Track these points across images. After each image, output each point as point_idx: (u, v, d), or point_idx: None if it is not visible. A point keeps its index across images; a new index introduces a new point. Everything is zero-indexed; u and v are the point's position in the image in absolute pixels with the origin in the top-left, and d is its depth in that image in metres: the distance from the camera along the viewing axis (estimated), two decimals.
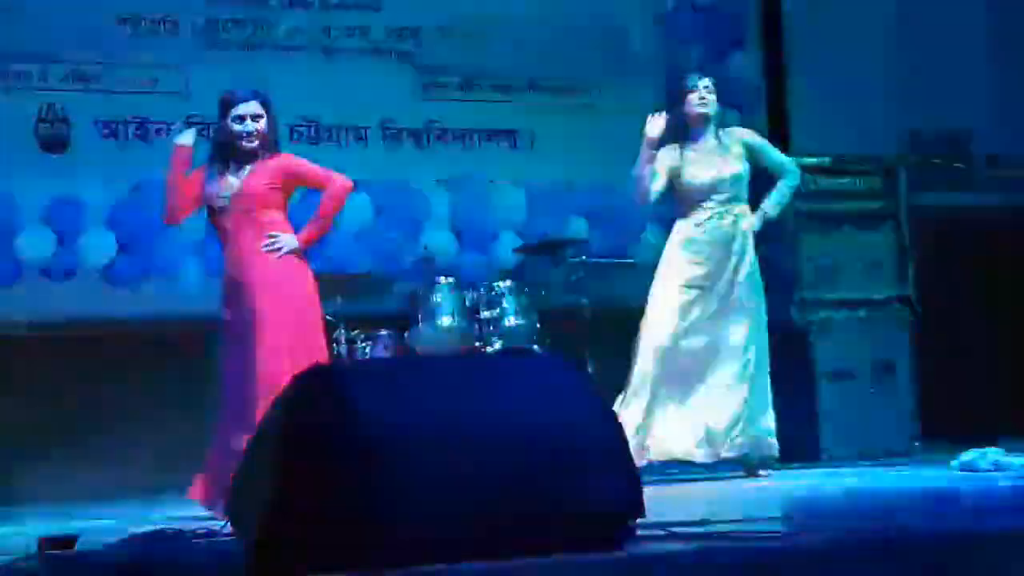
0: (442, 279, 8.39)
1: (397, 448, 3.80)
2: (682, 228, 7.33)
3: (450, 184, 9.55)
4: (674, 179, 7.31)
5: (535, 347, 8.17)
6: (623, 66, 10.25)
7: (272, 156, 6.57)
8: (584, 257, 8.71)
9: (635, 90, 10.27)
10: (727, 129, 7.46)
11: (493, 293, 8.28)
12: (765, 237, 8.45)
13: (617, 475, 3.98)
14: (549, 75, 10.01)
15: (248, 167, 6.52)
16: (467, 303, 8.26)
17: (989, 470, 6.23)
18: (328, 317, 8.35)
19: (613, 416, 4.14)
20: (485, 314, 8.23)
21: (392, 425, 3.83)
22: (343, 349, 8.26)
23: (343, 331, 8.32)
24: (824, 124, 10.32)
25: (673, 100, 7.49)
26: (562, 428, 3.97)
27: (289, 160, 6.66)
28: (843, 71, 10.53)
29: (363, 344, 8.32)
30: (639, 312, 9.58)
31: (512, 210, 9.67)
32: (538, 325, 8.34)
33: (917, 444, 8.16)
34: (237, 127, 6.49)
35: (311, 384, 3.93)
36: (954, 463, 6.47)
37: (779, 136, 10.60)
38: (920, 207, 8.93)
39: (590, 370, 8.57)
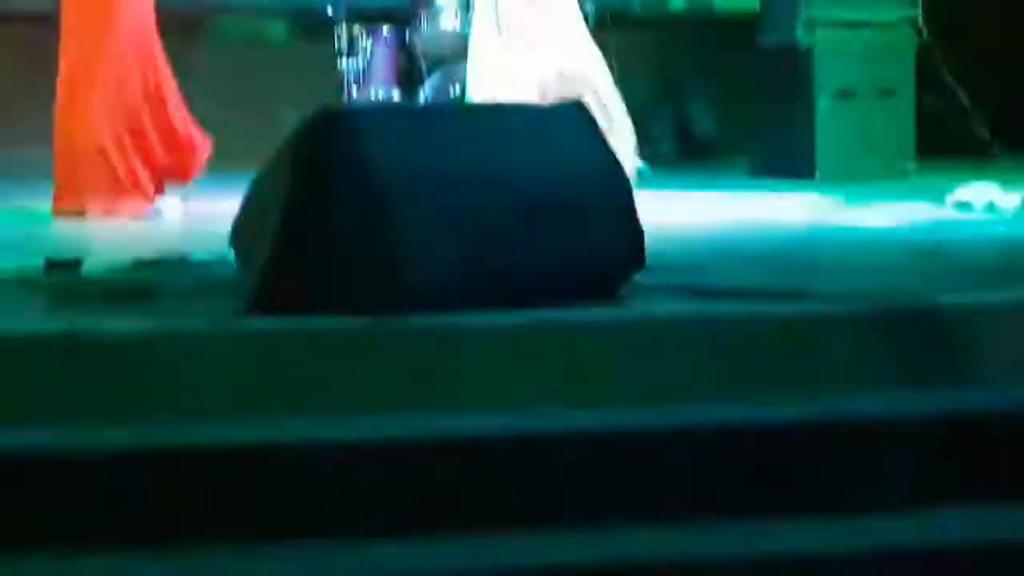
0: None
1: (405, 190, 3.85)
2: None
3: None
4: None
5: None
6: None
7: None
8: None
9: None
10: None
11: None
12: None
13: (621, 227, 4.04)
14: None
15: None
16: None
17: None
18: (329, 10, 8.35)
19: (620, 170, 4.18)
20: None
21: (401, 167, 3.87)
22: (343, 46, 8.20)
23: (344, 27, 8.24)
24: None
25: None
26: (569, 178, 4.02)
27: None
28: None
29: (363, 40, 8.24)
30: (643, 17, 9.56)
31: None
32: None
33: (912, 166, 8.19)
34: None
35: (322, 124, 3.94)
36: (951, 202, 6.48)
37: None
38: None
39: None
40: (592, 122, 4.24)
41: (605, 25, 8.59)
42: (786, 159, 8.20)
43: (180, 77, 8.61)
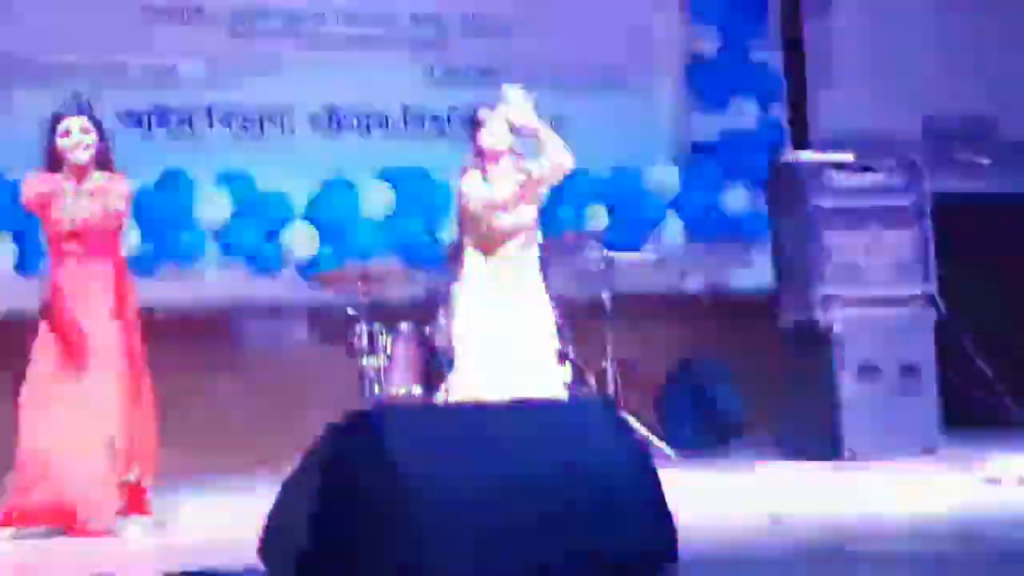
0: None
1: (434, 497, 3.83)
2: None
3: None
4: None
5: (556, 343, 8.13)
6: (645, 52, 10.23)
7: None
8: (605, 250, 8.75)
9: (656, 76, 10.28)
10: None
11: None
12: (787, 234, 8.49)
13: (651, 522, 4.00)
14: (570, 62, 9.98)
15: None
16: None
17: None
18: (349, 310, 8.44)
19: (648, 460, 4.16)
20: None
21: (429, 474, 3.85)
22: (364, 344, 8.26)
23: (363, 324, 8.32)
24: (845, 109, 10.30)
25: None
26: (597, 475, 4.00)
27: None
28: (865, 55, 10.49)
29: (384, 338, 8.30)
30: (660, 302, 9.66)
31: None
32: (559, 320, 8.32)
33: (940, 441, 8.14)
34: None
35: (349, 431, 3.95)
36: (981, 477, 6.44)
37: (799, 123, 10.63)
38: (945, 198, 8.88)
39: (611, 362, 8.62)
40: (617, 414, 4.25)
41: (623, 310, 8.75)
42: (812, 438, 8.16)
43: (203, 378, 8.76)
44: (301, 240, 9.14)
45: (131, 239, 8.71)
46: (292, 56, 9.32)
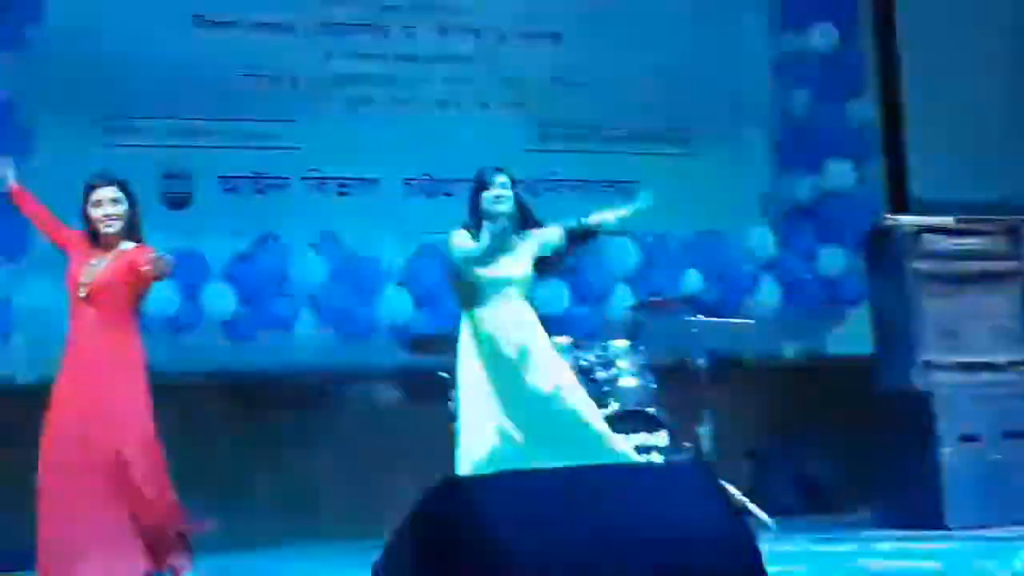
0: (555, 339, 8.27)
1: (529, 562, 3.79)
2: None
3: None
4: None
5: (651, 409, 8.07)
6: (735, 113, 10.19)
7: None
8: (699, 315, 8.67)
9: (748, 138, 10.23)
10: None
11: (608, 353, 8.20)
12: (886, 299, 8.37)
13: None
14: (661, 123, 9.98)
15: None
16: (581, 364, 8.15)
17: None
18: (443, 374, 8.42)
19: (746, 527, 4.09)
20: (600, 375, 8.14)
21: (524, 539, 3.82)
22: (457, 408, 8.22)
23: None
24: (943, 171, 10.20)
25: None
26: (693, 542, 3.94)
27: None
28: (962, 116, 10.38)
29: None
30: (756, 368, 9.57)
31: (625, 263, 9.63)
32: (654, 385, 8.27)
33: None
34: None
35: (446, 495, 3.92)
36: None
37: (896, 185, 10.53)
38: None
39: (707, 428, 8.51)
40: (713, 480, 4.19)
41: (718, 375, 8.66)
42: (912, 508, 8.00)
43: (297, 442, 8.77)
44: (395, 304, 9.15)
45: (227, 304, 8.81)
46: (386, 121, 9.38)
